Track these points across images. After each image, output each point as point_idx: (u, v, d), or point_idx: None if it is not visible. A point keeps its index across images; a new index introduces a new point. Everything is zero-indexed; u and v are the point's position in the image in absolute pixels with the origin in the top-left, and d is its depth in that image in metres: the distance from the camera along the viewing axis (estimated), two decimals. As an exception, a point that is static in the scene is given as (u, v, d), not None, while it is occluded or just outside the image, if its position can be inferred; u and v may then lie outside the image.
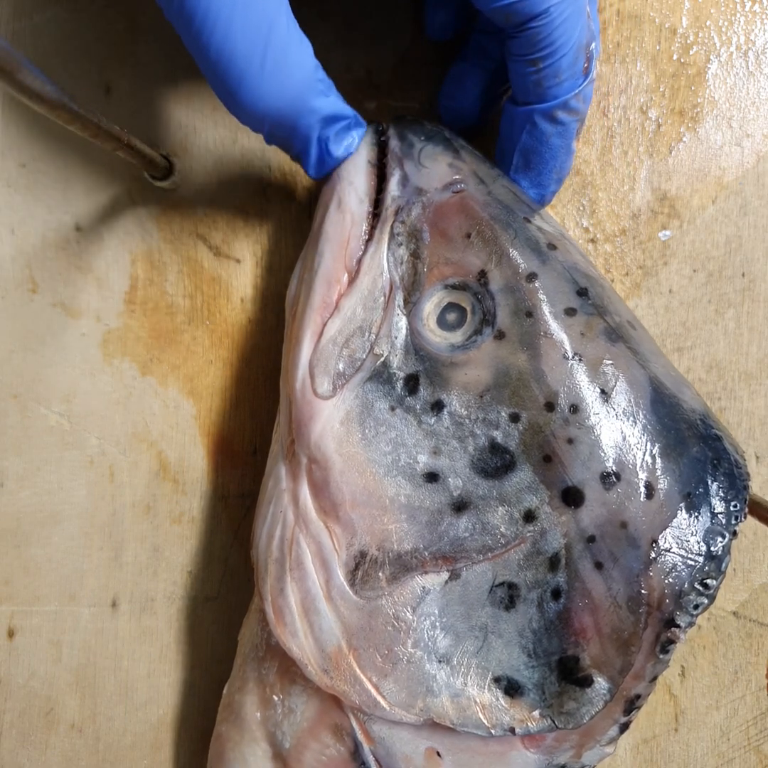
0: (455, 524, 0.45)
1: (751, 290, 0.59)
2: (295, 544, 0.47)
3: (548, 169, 0.52)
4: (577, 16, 0.46)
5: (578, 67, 0.48)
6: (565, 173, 0.53)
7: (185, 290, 0.60)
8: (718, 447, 0.44)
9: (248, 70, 0.45)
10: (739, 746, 0.59)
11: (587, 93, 0.49)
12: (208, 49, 0.45)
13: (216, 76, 0.46)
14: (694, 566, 0.42)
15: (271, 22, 0.45)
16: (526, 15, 0.45)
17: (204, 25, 0.44)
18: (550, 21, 0.45)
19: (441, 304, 0.47)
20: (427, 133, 0.52)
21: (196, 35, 0.44)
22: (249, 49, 0.44)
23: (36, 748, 0.60)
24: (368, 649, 0.46)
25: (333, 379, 0.48)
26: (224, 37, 0.44)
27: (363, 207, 0.51)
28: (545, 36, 0.46)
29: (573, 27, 0.46)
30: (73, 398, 0.61)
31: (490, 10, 0.46)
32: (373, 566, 0.46)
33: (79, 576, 0.61)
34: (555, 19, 0.45)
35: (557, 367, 0.44)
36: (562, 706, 0.43)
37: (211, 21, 0.44)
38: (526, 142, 0.51)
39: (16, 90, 0.37)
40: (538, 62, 0.47)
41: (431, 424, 0.46)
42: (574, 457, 0.43)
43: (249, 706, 0.51)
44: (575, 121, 0.50)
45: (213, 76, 0.46)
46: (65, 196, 0.60)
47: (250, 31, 0.44)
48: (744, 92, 0.59)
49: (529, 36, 0.46)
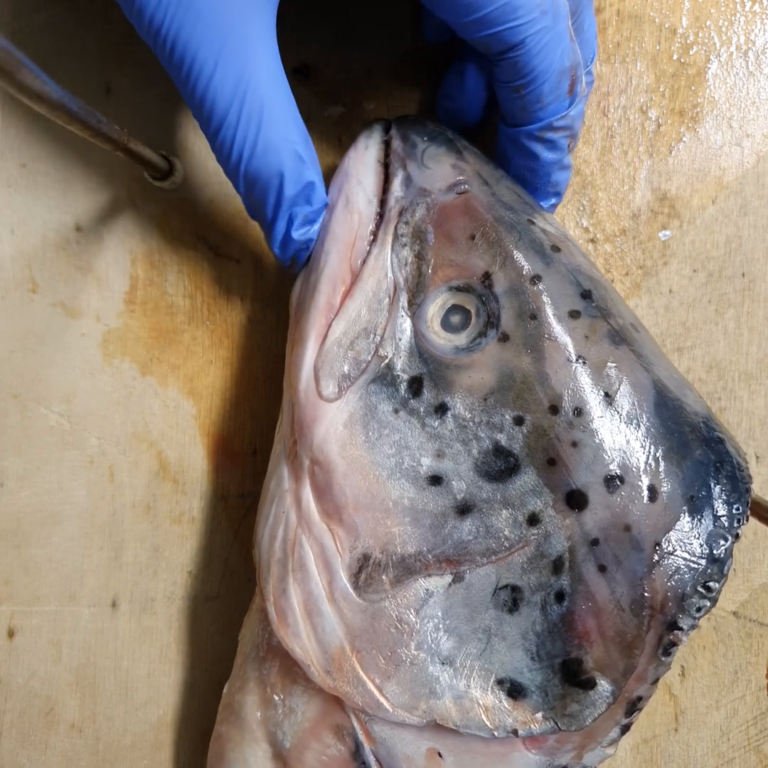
0: (459, 527, 0.45)
1: (751, 290, 0.59)
2: (297, 546, 0.47)
3: (543, 184, 0.53)
4: (556, 42, 0.46)
5: (562, 90, 0.48)
6: (562, 187, 0.54)
7: (185, 290, 0.60)
8: (720, 450, 0.44)
9: (226, 124, 0.46)
10: (739, 746, 0.59)
11: (577, 111, 0.50)
12: (192, 96, 0.47)
13: (201, 123, 0.48)
14: (697, 569, 0.42)
15: (249, 79, 0.46)
16: (504, 45, 0.46)
17: (189, 76, 0.46)
18: (527, 51, 0.46)
19: (445, 306, 0.47)
20: (430, 134, 0.52)
21: (183, 83, 0.47)
22: (227, 103, 0.46)
23: (36, 748, 0.60)
24: (371, 651, 0.46)
25: (338, 381, 0.47)
26: (205, 89, 0.46)
27: (371, 207, 0.50)
28: (524, 64, 0.46)
29: (552, 53, 0.46)
30: (73, 398, 0.60)
31: (471, 40, 0.47)
32: (376, 569, 0.46)
33: (79, 576, 0.60)
34: (531, 49, 0.46)
35: (561, 369, 0.44)
36: (565, 708, 0.44)
37: (195, 74, 0.46)
38: (518, 161, 0.52)
39: (16, 90, 0.37)
40: (520, 89, 0.48)
41: (435, 426, 0.46)
42: (578, 460, 0.43)
43: (249, 706, 0.51)
44: (564, 137, 0.50)
45: (200, 123, 0.48)
46: (65, 196, 0.60)
47: (228, 85, 0.46)
48: (744, 92, 0.59)
49: (508, 65, 0.47)
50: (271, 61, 0.47)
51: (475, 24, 0.45)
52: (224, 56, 0.45)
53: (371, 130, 0.53)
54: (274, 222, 0.49)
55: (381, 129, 0.53)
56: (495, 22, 0.45)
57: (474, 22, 0.45)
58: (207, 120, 0.47)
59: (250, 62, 0.46)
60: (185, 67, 0.45)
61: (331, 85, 0.60)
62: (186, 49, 0.45)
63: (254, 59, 0.46)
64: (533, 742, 0.46)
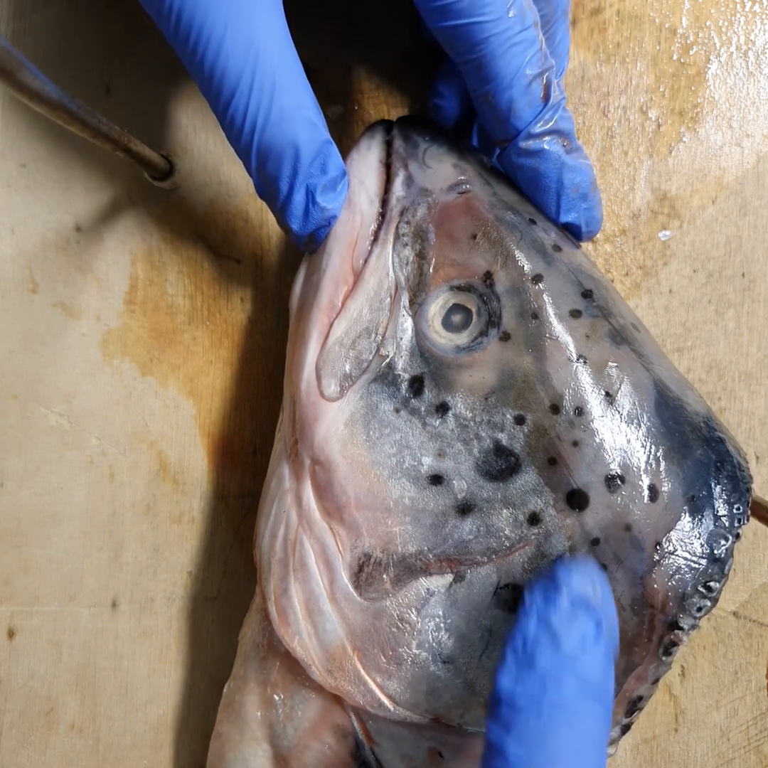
0: (460, 527, 0.45)
1: (751, 290, 0.59)
2: (298, 545, 0.47)
3: (560, 193, 0.50)
4: (523, 46, 0.45)
5: (534, 96, 0.47)
6: (584, 187, 0.50)
7: (185, 290, 0.60)
8: (721, 450, 0.44)
9: (238, 92, 0.45)
10: (739, 746, 0.59)
11: (558, 115, 0.48)
12: (201, 67, 0.45)
13: (210, 96, 0.46)
14: (698, 569, 0.42)
15: (259, 45, 0.44)
16: (467, 43, 0.45)
17: (197, 46, 0.44)
18: (490, 51, 0.45)
19: (446, 305, 0.47)
20: (432, 134, 0.52)
21: (190, 55, 0.45)
22: (238, 70, 0.44)
23: (36, 748, 0.60)
24: (373, 650, 0.46)
25: (340, 380, 0.47)
26: (215, 57, 0.44)
27: (373, 207, 0.50)
28: (487, 66, 0.46)
29: (518, 57, 0.45)
30: (73, 398, 0.60)
31: (436, 33, 0.47)
32: (377, 568, 0.46)
33: (79, 576, 0.60)
34: (495, 50, 0.45)
35: (562, 369, 0.44)
36: (566, 707, 0.44)
37: (204, 42, 0.44)
38: (523, 183, 0.50)
39: (16, 90, 0.37)
40: (488, 96, 0.47)
41: (436, 426, 0.46)
42: (579, 459, 0.43)
43: (249, 706, 0.51)
44: (553, 142, 0.48)
45: (209, 97, 0.46)
46: (65, 196, 0.60)
47: (239, 51, 0.44)
48: (744, 92, 0.59)
49: (472, 68, 0.46)
50: (279, 26, 0.45)
51: (441, 12, 0.45)
52: (233, 22, 0.43)
53: (373, 131, 0.53)
54: (291, 195, 0.47)
55: (383, 129, 0.53)
56: (461, 13, 0.44)
57: (440, 9, 0.45)
58: (217, 90, 0.45)
59: (258, 27, 0.44)
60: (193, 36, 0.44)
61: (331, 85, 0.60)
62: (193, 15, 0.43)
63: (263, 24, 0.44)
64: (534, 742, 0.46)
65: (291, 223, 0.49)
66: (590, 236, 0.52)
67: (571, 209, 0.50)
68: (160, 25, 0.46)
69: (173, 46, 0.46)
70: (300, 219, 0.49)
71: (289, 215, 0.48)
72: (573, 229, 0.51)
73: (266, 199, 0.49)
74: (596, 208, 0.51)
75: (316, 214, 0.48)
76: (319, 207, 0.48)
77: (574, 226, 0.51)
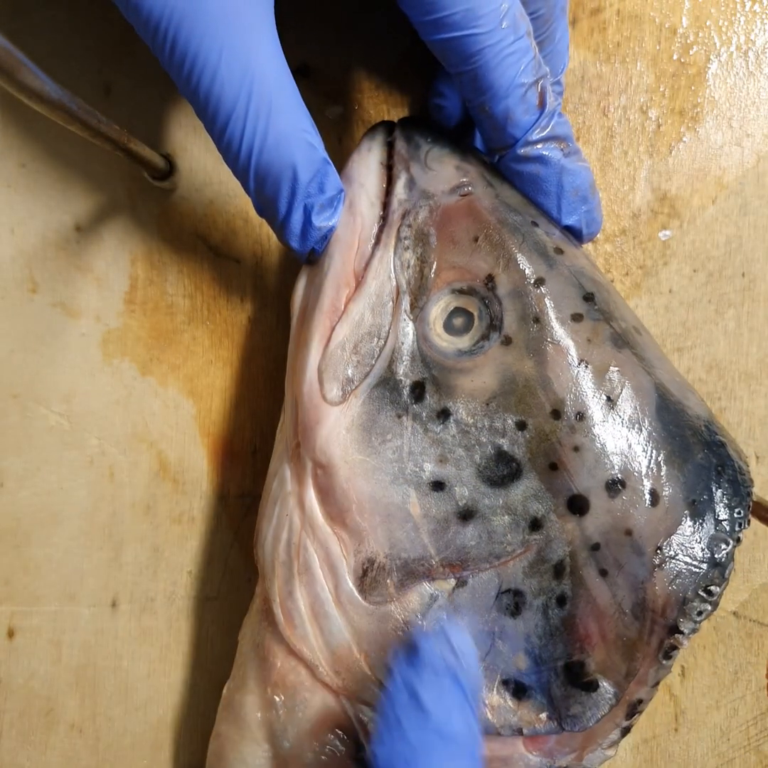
0: (462, 532, 0.45)
1: (751, 290, 0.59)
2: (302, 549, 0.47)
3: (560, 196, 0.50)
4: (517, 56, 0.45)
5: (529, 104, 0.47)
6: (584, 190, 0.50)
7: (185, 290, 0.60)
8: (722, 453, 0.44)
9: (234, 117, 0.45)
10: (739, 746, 0.59)
11: (555, 121, 0.48)
12: (197, 94, 0.45)
13: (206, 121, 0.46)
14: (698, 573, 0.42)
15: (254, 69, 0.44)
16: (461, 55, 0.45)
17: (191, 74, 0.44)
18: (485, 63, 0.45)
19: (448, 308, 0.47)
20: (434, 135, 0.52)
21: (186, 80, 0.45)
22: (234, 95, 0.44)
23: (36, 748, 0.60)
24: (379, 652, 0.46)
25: (342, 384, 0.47)
26: (210, 84, 0.44)
27: (374, 210, 0.50)
28: (482, 78, 0.46)
29: (512, 68, 0.46)
30: (73, 398, 0.60)
31: (431, 45, 0.47)
32: (380, 573, 0.46)
33: (79, 576, 0.60)
34: (490, 61, 0.45)
35: (564, 373, 0.44)
36: (569, 709, 0.44)
37: (198, 70, 0.44)
38: (524, 188, 0.50)
39: (16, 90, 0.37)
40: (484, 106, 0.47)
41: (437, 432, 0.46)
42: (580, 465, 0.43)
43: (249, 706, 0.51)
44: (552, 147, 0.49)
45: (204, 122, 0.47)
46: (65, 196, 0.60)
47: (235, 76, 0.44)
48: (744, 92, 0.59)
49: (468, 79, 0.46)
50: (274, 49, 0.46)
51: (436, 25, 0.45)
52: (227, 47, 0.44)
53: (374, 132, 0.53)
54: (290, 214, 0.48)
55: (384, 130, 0.53)
56: (455, 26, 0.44)
57: (434, 22, 0.45)
58: (213, 116, 0.45)
59: (254, 52, 0.44)
60: (188, 62, 0.44)
61: (331, 85, 0.60)
62: (188, 42, 0.44)
63: (258, 49, 0.45)
64: (534, 743, 0.47)
65: (290, 241, 0.50)
66: (591, 237, 0.52)
67: (572, 212, 0.50)
68: (154, 51, 0.46)
69: (168, 72, 0.46)
70: (299, 237, 0.49)
71: (288, 234, 0.49)
72: (574, 231, 0.51)
73: (265, 218, 0.50)
74: (596, 210, 0.52)
75: (314, 232, 0.49)
76: (316, 227, 0.49)
77: (575, 228, 0.51)
